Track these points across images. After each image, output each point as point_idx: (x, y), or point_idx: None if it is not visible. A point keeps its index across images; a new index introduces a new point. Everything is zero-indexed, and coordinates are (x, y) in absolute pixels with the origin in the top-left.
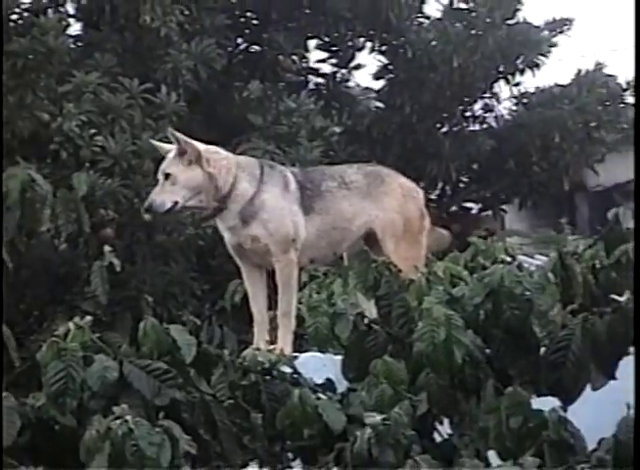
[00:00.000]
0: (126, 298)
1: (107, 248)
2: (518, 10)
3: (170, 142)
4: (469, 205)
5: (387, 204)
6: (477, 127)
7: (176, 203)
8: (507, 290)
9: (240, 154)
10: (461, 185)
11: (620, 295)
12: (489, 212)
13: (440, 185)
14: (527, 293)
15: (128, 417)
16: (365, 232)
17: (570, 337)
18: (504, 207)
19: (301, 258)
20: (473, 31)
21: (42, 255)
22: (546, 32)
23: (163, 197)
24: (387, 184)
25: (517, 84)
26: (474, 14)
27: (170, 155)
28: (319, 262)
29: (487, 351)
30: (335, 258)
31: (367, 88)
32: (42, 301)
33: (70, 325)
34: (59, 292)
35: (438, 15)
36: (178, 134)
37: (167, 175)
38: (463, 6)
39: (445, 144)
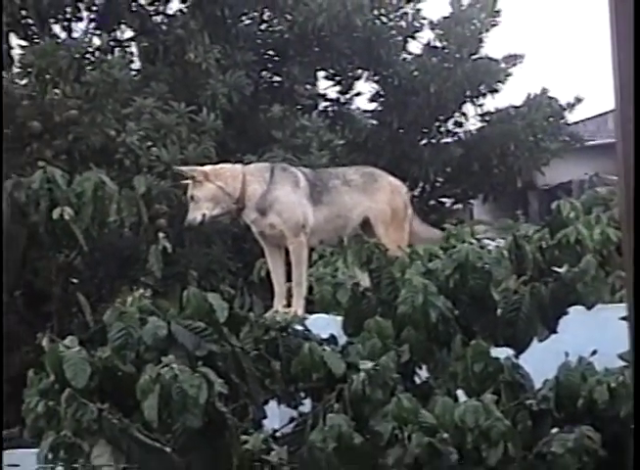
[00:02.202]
0: (176, 273)
1: (161, 234)
2: (480, 47)
3: (209, 157)
4: (443, 200)
5: (378, 197)
6: (449, 139)
7: (204, 215)
8: (471, 263)
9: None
10: (437, 184)
11: (561, 268)
12: (460, 205)
13: (421, 184)
14: (487, 266)
15: (174, 365)
16: (362, 220)
17: (520, 300)
18: (472, 201)
19: (312, 240)
20: (445, 64)
21: (111, 240)
22: (503, 65)
23: (194, 214)
24: (378, 182)
25: (480, 105)
26: (446, 51)
27: (190, 182)
28: (326, 244)
29: (456, 312)
30: (338, 240)
31: (364, 111)
32: (111, 276)
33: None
34: (124, 269)
35: (419, 51)
36: (182, 168)
37: (192, 197)
38: (438, 44)
39: (425, 152)
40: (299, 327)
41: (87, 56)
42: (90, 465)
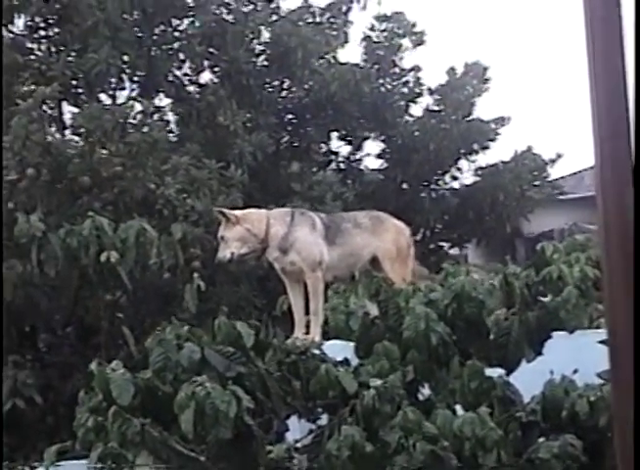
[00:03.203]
0: (209, 309)
1: (195, 275)
2: (473, 110)
3: (237, 207)
4: (442, 243)
5: (385, 238)
6: (447, 191)
7: (233, 253)
8: (467, 294)
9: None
10: (436, 230)
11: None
12: (457, 249)
13: (422, 230)
14: (480, 296)
15: (207, 384)
16: (371, 257)
17: (510, 326)
18: (467, 245)
19: (327, 276)
20: (443, 125)
21: (151, 280)
22: (492, 125)
23: (224, 252)
24: (385, 225)
25: (473, 161)
26: (443, 113)
27: (222, 223)
28: (340, 279)
29: (454, 336)
30: (350, 275)
31: (372, 168)
32: (152, 311)
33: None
34: (163, 305)
35: (419, 114)
36: (223, 210)
37: (222, 237)
38: (436, 108)
39: (425, 202)
40: (317, 351)
41: (130, 120)
42: None
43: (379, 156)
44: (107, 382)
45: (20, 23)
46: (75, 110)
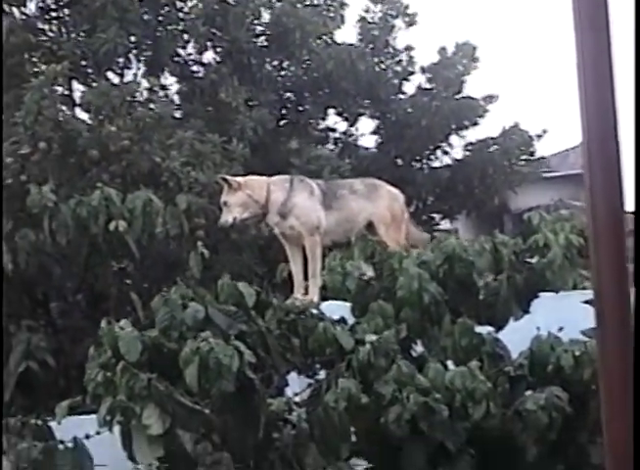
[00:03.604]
0: (212, 276)
1: (199, 243)
2: (463, 88)
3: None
4: (433, 215)
5: (380, 204)
6: (438, 165)
7: (235, 218)
8: (457, 255)
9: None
10: (428, 202)
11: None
12: (447, 220)
13: (415, 202)
14: (471, 257)
15: (211, 339)
16: (366, 222)
17: (499, 286)
18: (457, 216)
19: (324, 240)
20: (434, 103)
21: (158, 248)
22: (482, 103)
23: (226, 217)
24: (379, 191)
25: (463, 137)
26: (435, 91)
27: (225, 189)
28: (337, 242)
29: (445, 296)
30: (347, 240)
31: (367, 144)
32: (158, 278)
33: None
34: (169, 272)
35: (412, 92)
36: (225, 176)
37: (225, 202)
38: (428, 86)
39: (418, 176)
40: (315, 311)
41: (136, 97)
42: (141, 424)
43: (374, 131)
44: (115, 339)
45: (32, 5)
46: (85, 88)
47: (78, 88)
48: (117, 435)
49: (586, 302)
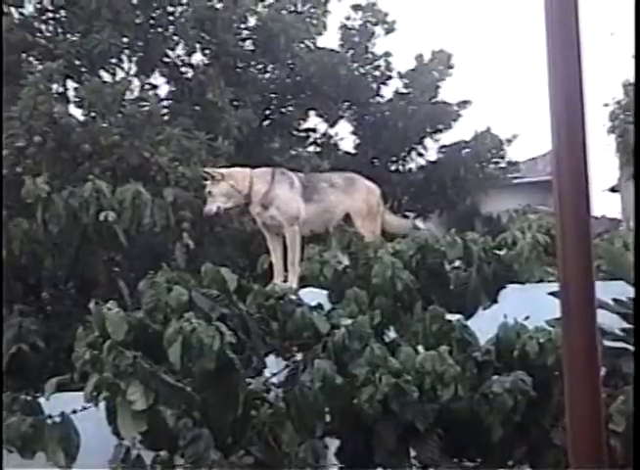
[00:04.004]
0: (196, 267)
1: (185, 234)
2: (438, 93)
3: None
4: (408, 213)
5: (357, 197)
6: (413, 166)
7: (219, 207)
8: (430, 246)
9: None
10: (403, 201)
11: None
12: (421, 219)
13: (390, 201)
14: (442, 248)
15: (194, 320)
16: (344, 214)
17: (469, 277)
18: (430, 215)
19: (304, 230)
20: (410, 107)
21: (145, 238)
22: (455, 108)
23: (210, 206)
24: (357, 185)
25: (437, 140)
26: (411, 95)
27: (209, 181)
28: (315, 233)
29: (417, 284)
30: (325, 230)
31: (345, 144)
32: (145, 267)
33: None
34: (155, 261)
35: (390, 96)
36: (208, 169)
37: (209, 192)
38: (404, 91)
39: (393, 176)
40: (293, 297)
41: (127, 94)
42: (126, 400)
43: (352, 132)
44: (103, 319)
45: (30, 6)
46: (79, 86)
47: (73, 86)
48: (103, 410)
49: (551, 293)
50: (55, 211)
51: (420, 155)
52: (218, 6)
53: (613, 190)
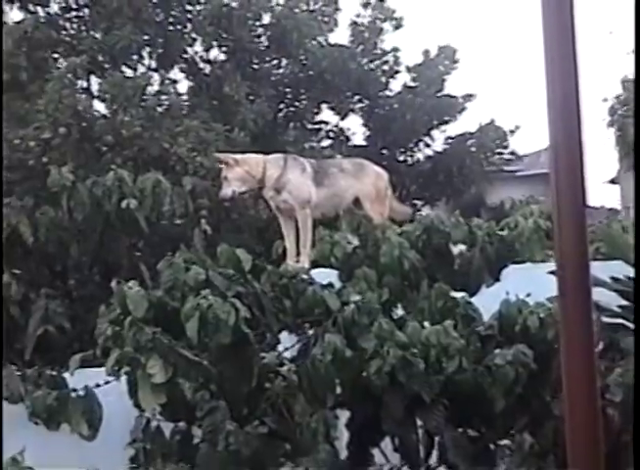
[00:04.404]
0: (213, 253)
1: (203, 221)
2: (444, 87)
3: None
4: (416, 201)
5: (366, 181)
6: (420, 156)
7: (234, 191)
8: (435, 226)
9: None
10: (411, 190)
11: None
12: (428, 207)
13: (399, 189)
14: (447, 228)
15: (210, 297)
16: (353, 198)
17: (472, 256)
18: (437, 203)
19: (315, 213)
20: (418, 99)
21: (165, 225)
22: (460, 100)
23: (226, 190)
24: (365, 170)
25: (444, 131)
26: (418, 89)
27: (224, 166)
28: (326, 216)
29: (424, 263)
30: (335, 213)
31: (356, 134)
32: (165, 252)
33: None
34: (175, 247)
35: (398, 89)
36: (222, 155)
37: (225, 177)
38: (412, 84)
39: (402, 166)
40: (305, 276)
41: (148, 88)
42: (146, 374)
43: (363, 124)
44: (124, 297)
45: (55, 5)
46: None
47: (96, 81)
48: (124, 385)
49: (551, 272)
50: (79, 199)
51: (427, 146)
52: (234, 4)
53: (612, 182)
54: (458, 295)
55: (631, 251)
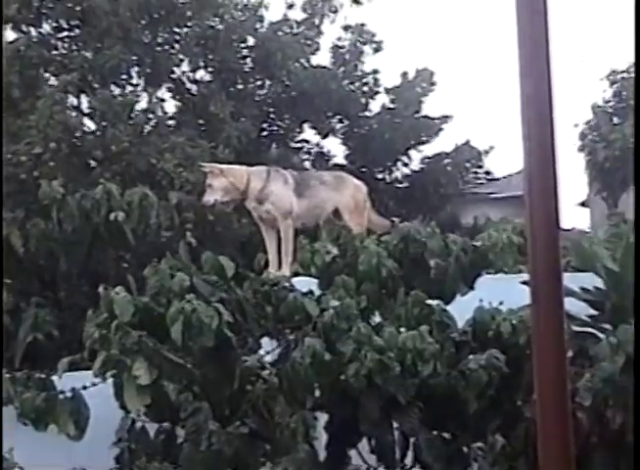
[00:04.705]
0: (198, 266)
1: (188, 234)
2: (421, 108)
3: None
4: (393, 218)
5: (345, 193)
6: (398, 174)
7: (216, 200)
8: (412, 236)
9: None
10: (389, 207)
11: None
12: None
13: (377, 206)
14: (423, 239)
15: (194, 301)
16: (333, 209)
17: (447, 265)
18: (413, 221)
19: (296, 223)
20: (396, 120)
21: (151, 237)
22: (437, 122)
23: (208, 197)
24: (345, 183)
25: (421, 151)
26: (396, 110)
27: (209, 175)
28: (307, 226)
29: (401, 272)
30: (316, 224)
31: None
32: (151, 262)
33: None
34: (160, 257)
35: (378, 110)
36: (207, 164)
37: (209, 185)
38: (391, 105)
39: (380, 184)
40: (286, 284)
41: (136, 106)
42: (132, 376)
43: (343, 143)
44: (111, 302)
45: (47, 25)
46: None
47: (86, 99)
48: (110, 388)
49: (524, 282)
50: (69, 211)
51: (405, 164)
52: (220, 27)
53: (582, 204)
54: (433, 302)
55: (600, 263)
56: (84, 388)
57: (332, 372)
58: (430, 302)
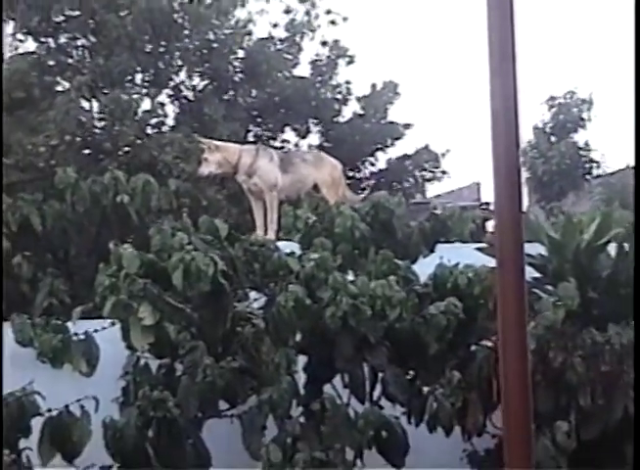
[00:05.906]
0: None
1: (184, 215)
2: (387, 115)
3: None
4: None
5: (324, 171)
6: (367, 172)
7: (210, 172)
8: (382, 204)
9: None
10: None
11: None
12: None
13: None
14: (392, 206)
15: (193, 252)
16: (313, 184)
17: (412, 230)
18: None
19: (280, 195)
20: (365, 125)
21: (152, 218)
22: (401, 128)
23: (203, 169)
24: (324, 161)
25: (386, 153)
26: (366, 116)
27: (206, 149)
28: (290, 198)
29: (372, 234)
30: (298, 196)
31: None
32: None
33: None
34: None
35: (350, 116)
36: (204, 140)
37: (205, 159)
38: (361, 112)
39: (351, 181)
40: (271, 246)
41: (140, 105)
42: (137, 318)
43: (318, 145)
44: (120, 256)
45: (63, 37)
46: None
47: (97, 99)
48: (117, 333)
49: (478, 249)
50: (81, 195)
51: (372, 164)
52: (214, 40)
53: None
54: (399, 262)
55: (544, 233)
56: (95, 331)
57: (312, 315)
58: (396, 260)
